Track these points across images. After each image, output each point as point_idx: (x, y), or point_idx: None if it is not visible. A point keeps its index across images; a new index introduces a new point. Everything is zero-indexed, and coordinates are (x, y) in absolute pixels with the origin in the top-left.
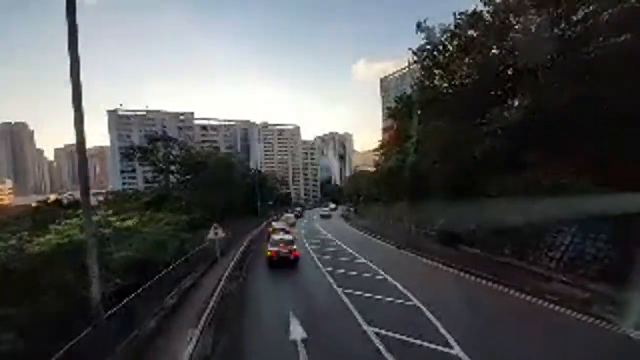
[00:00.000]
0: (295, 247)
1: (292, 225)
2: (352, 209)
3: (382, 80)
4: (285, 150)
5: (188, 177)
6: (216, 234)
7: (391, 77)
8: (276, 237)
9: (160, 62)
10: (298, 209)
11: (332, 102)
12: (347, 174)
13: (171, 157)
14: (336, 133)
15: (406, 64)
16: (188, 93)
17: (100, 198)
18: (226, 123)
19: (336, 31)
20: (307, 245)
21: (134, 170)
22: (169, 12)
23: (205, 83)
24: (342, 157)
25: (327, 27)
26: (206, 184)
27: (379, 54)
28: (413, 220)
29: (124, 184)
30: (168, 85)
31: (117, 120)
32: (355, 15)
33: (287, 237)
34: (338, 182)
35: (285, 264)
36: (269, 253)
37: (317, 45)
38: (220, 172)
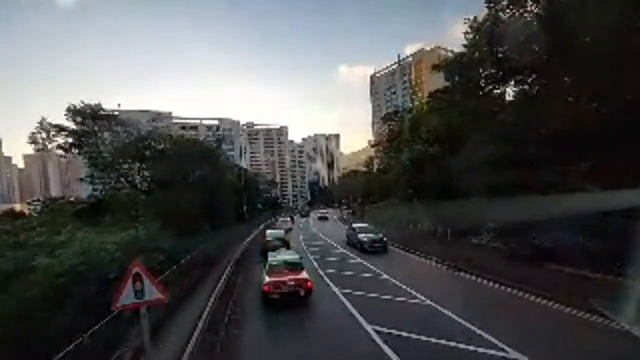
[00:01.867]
0: (306, 274)
1: (288, 230)
2: (347, 211)
3: (371, 77)
4: (272, 151)
5: (145, 173)
6: (139, 295)
7: (380, 74)
8: (276, 258)
9: (142, 64)
10: (306, 208)
11: (316, 106)
12: (335, 175)
13: (114, 144)
14: (323, 134)
15: (394, 61)
16: (171, 97)
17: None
18: (208, 122)
19: (321, 36)
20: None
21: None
22: (155, 13)
23: (187, 85)
24: (330, 158)
25: (311, 32)
26: (173, 182)
27: (361, 59)
28: (439, 222)
29: (94, 190)
30: (152, 87)
31: None
32: (337, 20)
33: (291, 256)
34: (326, 184)
35: (291, 303)
36: (265, 287)
37: (300, 48)
38: (190, 163)
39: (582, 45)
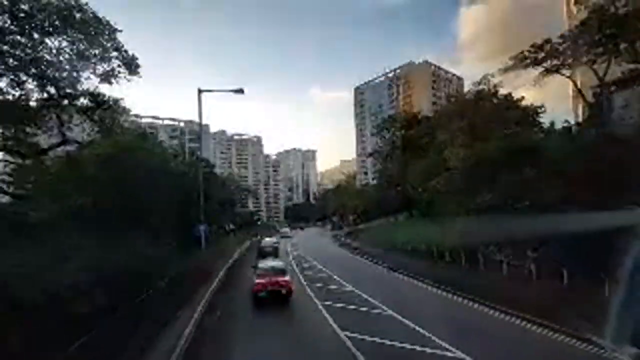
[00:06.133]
0: (288, 278)
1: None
2: (341, 228)
3: (356, 90)
4: (246, 164)
5: None
6: None
7: (365, 85)
8: (265, 264)
9: None
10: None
11: (288, 125)
12: (312, 192)
13: None
14: (299, 149)
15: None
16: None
17: None
18: (170, 123)
19: (298, 56)
20: None
21: None
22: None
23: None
24: (306, 174)
25: (288, 53)
26: None
27: (334, 83)
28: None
29: None
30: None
31: None
32: (313, 43)
33: (277, 263)
34: (301, 201)
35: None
36: (254, 287)
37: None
38: None
39: None
